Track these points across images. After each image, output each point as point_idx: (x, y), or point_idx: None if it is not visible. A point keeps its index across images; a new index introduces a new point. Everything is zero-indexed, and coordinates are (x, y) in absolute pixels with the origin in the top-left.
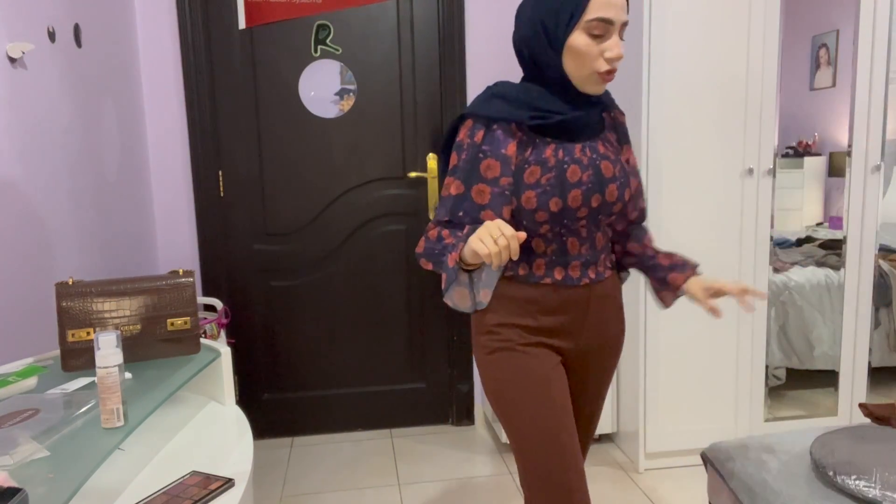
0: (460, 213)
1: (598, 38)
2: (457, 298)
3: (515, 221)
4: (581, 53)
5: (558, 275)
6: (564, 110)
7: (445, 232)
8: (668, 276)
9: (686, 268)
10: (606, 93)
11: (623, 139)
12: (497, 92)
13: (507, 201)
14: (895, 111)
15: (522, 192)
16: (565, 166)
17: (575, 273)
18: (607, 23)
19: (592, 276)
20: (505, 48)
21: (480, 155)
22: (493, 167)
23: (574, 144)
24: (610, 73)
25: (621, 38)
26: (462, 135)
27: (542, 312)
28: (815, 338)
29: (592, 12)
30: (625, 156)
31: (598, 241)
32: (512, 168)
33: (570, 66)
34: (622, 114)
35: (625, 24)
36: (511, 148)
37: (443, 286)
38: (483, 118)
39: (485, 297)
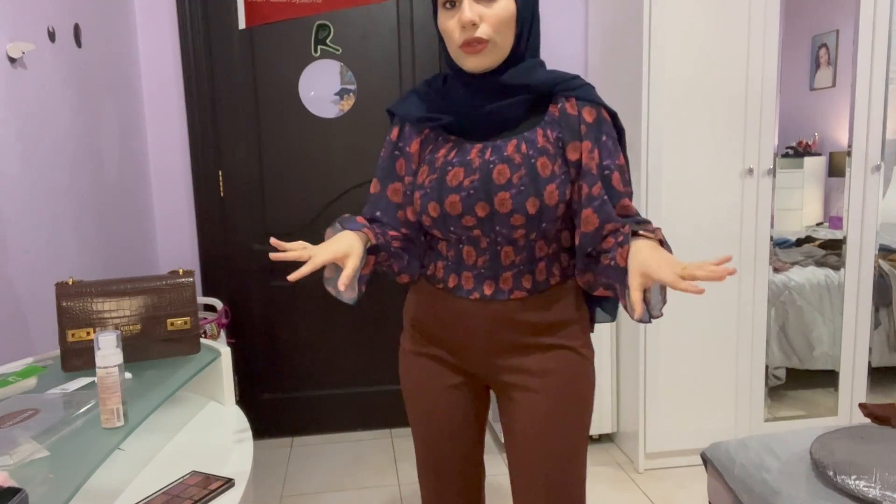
0: (377, 213)
1: (452, 9)
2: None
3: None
4: (444, 31)
5: (451, 282)
6: (457, 108)
7: None
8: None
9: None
10: (556, 79)
11: (570, 135)
12: (416, 88)
13: (410, 201)
14: (895, 111)
15: (415, 191)
16: (448, 168)
17: (467, 284)
18: None
19: (487, 292)
20: None
21: (396, 152)
22: (403, 165)
23: (473, 144)
24: (470, 44)
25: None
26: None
27: (435, 319)
28: (815, 338)
29: None
30: (572, 155)
31: (505, 256)
32: (413, 166)
33: (448, 48)
34: (591, 105)
35: None
36: (414, 145)
37: None
38: (398, 116)
39: (346, 292)
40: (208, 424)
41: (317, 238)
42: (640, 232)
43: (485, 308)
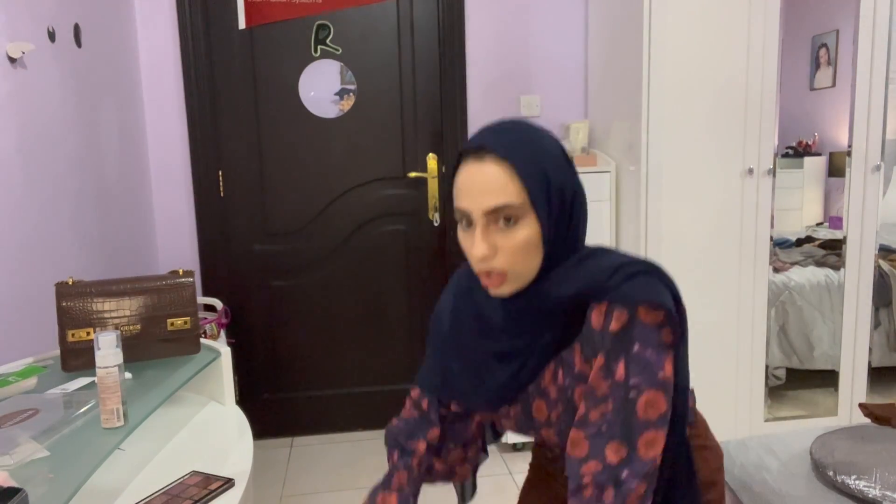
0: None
1: (469, 228)
2: None
3: None
4: (463, 249)
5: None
6: (490, 333)
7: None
8: None
9: None
10: (584, 287)
11: (592, 352)
12: (444, 311)
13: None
14: (895, 111)
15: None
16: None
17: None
18: (464, 214)
19: None
20: (505, 48)
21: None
22: None
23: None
24: (489, 277)
25: (507, 225)
26: None
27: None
28: (815, 338)
29: (456, 198)
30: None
31: None
32: None
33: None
34: (623, 306)
35: (498, 211)
36: None
37: None
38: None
39: None
40: (208, 424)
41: (317, 238)
42: None
43: None
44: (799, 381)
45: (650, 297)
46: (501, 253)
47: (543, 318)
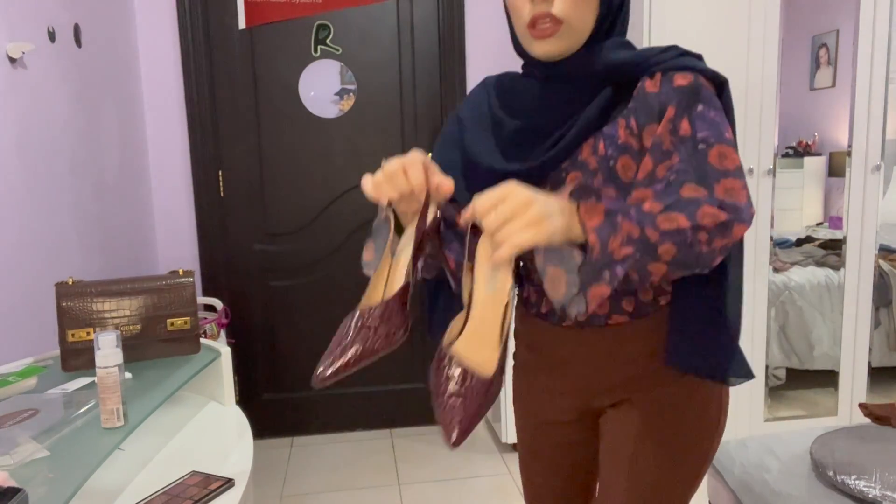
0: None
1: None
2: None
3: None
4: (511, 7)
5: (544, 307)
6: (525, 110)
7: None
8: None
9: None
10: (639, 56)
11: (646, 117)
12: (476, 92)
13: None
14: (895, 111)
15: None
16: None
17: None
18: None
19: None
20: (505, 48)
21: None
22: None
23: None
24: (536, 26)
25: None
26: None
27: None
28: (815, 338)
29: None
30: (649, 140)
31: None
32: None
33: (515, 29)
34: (685, 71)
35: None
36: None
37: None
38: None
39: (366, 254)
40: (208, 424)
41: (317, 238)
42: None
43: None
44: (799, 381)
45: (707, 69)
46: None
47: (586, 90)
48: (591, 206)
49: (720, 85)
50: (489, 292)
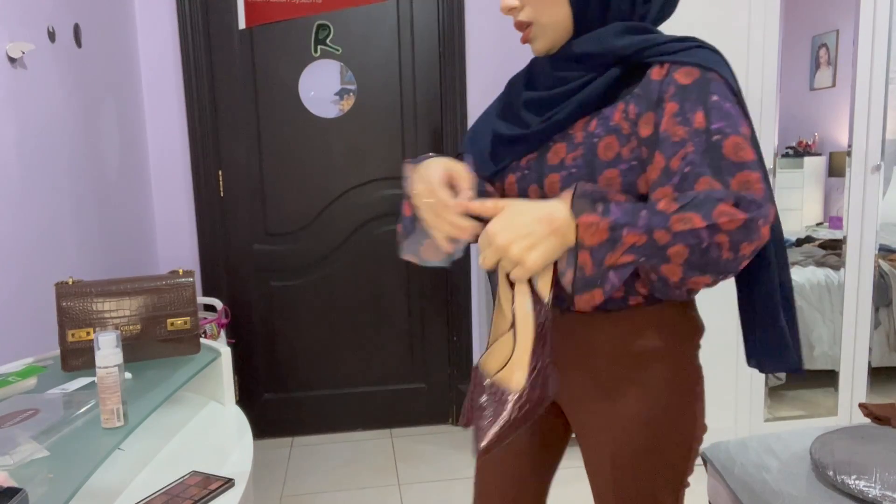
0: None
1: None
2: (428, 253)
3: None
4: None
5: None
6: (535, 87)
7: None
8: None
9: None
10: (643, 43)
11: (646, 105)
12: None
13: None
14: (895, 111)
15: None
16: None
17: None
18: None
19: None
20: (505, 48)
21: None
22: None
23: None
24: (519, 29)
25: None
26: None
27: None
28: (815, 338)
29: None
30: (645, 129)
31: None
32: None
33: None
34: (691, 66)
35: None
36: None
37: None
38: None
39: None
40: (208, 424)
41: (317, 238)
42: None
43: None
44: (799, 381)
45: (719, 68)
46: (527, 4)
47: (593, 71)
48: (593, 222)
49: (728, 80)
50: (521, 315)
